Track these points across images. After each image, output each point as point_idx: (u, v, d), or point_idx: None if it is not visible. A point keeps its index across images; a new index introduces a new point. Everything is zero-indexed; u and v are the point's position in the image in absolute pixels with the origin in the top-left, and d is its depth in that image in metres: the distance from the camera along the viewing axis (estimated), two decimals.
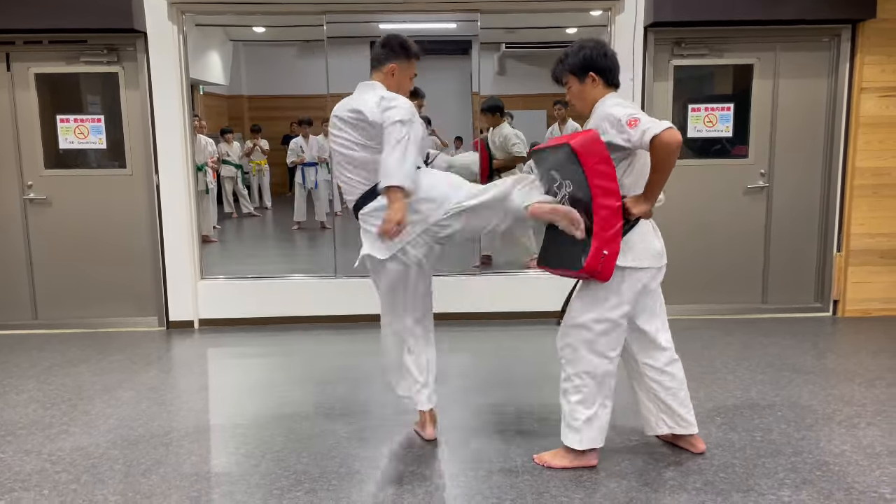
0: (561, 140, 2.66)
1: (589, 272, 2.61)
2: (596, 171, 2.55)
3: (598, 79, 2.76)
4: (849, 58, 5.13)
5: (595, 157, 2.54)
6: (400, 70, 2.99)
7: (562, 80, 2.84)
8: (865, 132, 5.12)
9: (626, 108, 2.64)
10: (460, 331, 5.06)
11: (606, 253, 2.58)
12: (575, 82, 2.79)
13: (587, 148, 2.55)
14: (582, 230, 2.63)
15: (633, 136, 2.54)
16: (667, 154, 2.52)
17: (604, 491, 2.71)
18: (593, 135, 2.58)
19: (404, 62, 3.00)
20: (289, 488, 2.77)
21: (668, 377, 2.90)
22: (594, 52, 2.75)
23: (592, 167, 2.54)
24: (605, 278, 2.63)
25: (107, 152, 5.20)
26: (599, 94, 2.77)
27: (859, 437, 3.18)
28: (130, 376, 4.16)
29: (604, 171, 2.55)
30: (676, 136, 2.50)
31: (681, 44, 5.14)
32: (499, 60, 8.61)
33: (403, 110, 2.74)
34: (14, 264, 5.23)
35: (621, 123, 2.57)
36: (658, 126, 2.50)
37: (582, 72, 2.76)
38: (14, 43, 5.01)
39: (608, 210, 2.57)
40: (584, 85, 2.78)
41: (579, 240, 2.63)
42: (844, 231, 5.27)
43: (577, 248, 2.65)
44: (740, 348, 4.53)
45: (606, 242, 2.58)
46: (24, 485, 2.83)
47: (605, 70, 2.76)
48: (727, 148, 5.35)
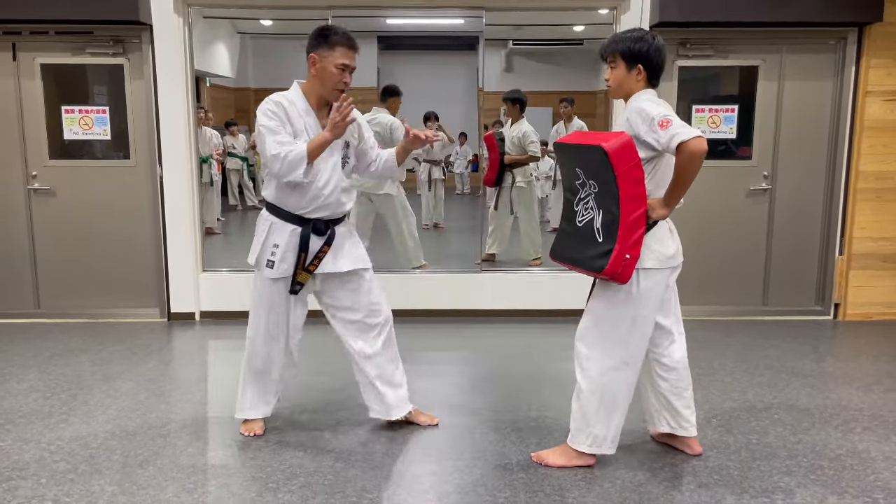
0: (592, 139, 2.62)
1: (610, 275, 2.60)
2: (627, 177, 2.52)
3: (644, 73, 2.74)
4: (854, 61, 5.11)
5: (627, 162, 2.52)
6: (321, 59, 2.88)
7: (608, 58, 2.80)
8: (870, 136, 5.11)
9: (660, 107, 2.64)
10: (461, 328, 5.07)
11: (629, 257, 2.58)
12: (622, 67, 2.75)
13: (621, 153, 2.51)
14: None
15: (661, 138, 2.54)
16: (690, 161, 2.52)
17: (598, 490, 2.72)
18: (627, 140, 2.54)
19: (325, 51, 2.87)
20: (284, 482, 2.79)
21: (676, 375, 2.90)
22: (652, 47, 2.72)
23: (624, 172, 2.51)
24: (624, 280, 2.63)
25: (111, 143, 5.21)
26: (637, 88, 2.76)
27: (855, 441, 3.18)
28: (130, 367, 4.18)
29: (635, 176, 2.53)
30: (703, 146, 2.50)
31: (686, 44, 5.13)
32: (506, 57, 8.60)
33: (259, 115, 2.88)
34: (17, 254, 5.26)
35: (654, 122, 2.57)
36: (688, 133, 2.50)
37: (633, 60, 2.73)
38: (20, 33, 5.03)
39: (635, 216, 2.56)
40: (629, 74, 2.75)
41: (600, 241, 2.62)
42: (847, 234, 5.26)
43: (598, 250, 2.62)
44: (740, 350, 4.53)
45: (630, 247, 2.58)
46: (21, 473, 2.86)
47: (654, 68, 2.75)
48: (731, 149, 5.34)
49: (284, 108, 2.88)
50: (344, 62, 2.88)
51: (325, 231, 3.00)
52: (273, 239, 2.98)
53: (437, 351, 4.47)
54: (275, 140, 2.82)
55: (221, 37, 8.50)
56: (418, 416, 3.33)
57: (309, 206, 2.96)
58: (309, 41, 2.92)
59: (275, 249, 2.97)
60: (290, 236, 2.98)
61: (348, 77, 2.92)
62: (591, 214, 2.67)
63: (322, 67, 2.89)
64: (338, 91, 2.91)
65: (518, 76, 8.42)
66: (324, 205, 2.97)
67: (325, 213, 2.99)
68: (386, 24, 5.92)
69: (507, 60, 8.53)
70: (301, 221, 2.98)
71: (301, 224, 2.98)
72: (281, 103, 2.88)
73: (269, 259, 2.99)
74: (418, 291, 5.24)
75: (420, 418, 3.33)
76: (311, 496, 2.67)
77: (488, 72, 5.73)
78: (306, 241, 2.97)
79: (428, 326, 5.07)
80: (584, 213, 2.71)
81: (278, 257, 2.98)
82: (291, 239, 2.98)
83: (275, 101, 2.89)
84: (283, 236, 2.98)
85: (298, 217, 2.98)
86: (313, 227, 2.98)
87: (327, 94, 2.93)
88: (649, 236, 2.70)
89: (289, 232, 2.98)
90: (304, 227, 2.97)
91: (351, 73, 2.93)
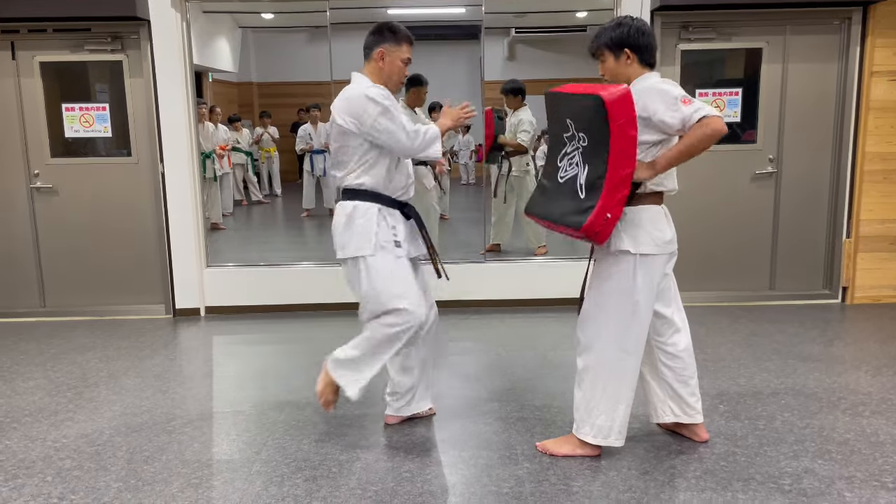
0: (587, 88, 2.56)
1: (588, 232, 2.53)
2: (622, 133, 2.46)
3: (633, 56, 2.72)
4: (859, 41, 5.05)
5: (624, 116, 2.45)
6: (389, 54, 2.95)
7: (597, 54, 2.81)
8: (876, 116, 5.04)
9: (678, 88, 2.63)
10: (464, 317, 5.05)
11: (609, 216, 2.51)
12: (610, 58, 2.75)
13: (619, 105, 2.44)
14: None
15: (684, 113, 2.53)
16: (705, 138, 2.51)
17: (602, 479, 2.70)
18: (627, 92, 2.47)
19: (393, 46, 2.95)
20: (289, 475, 2.78)
21: (681, 363, 2.88)
22: (632, 29, 2.71)
23: (619, 127, 2.45)
24: (600, 241, 2.58)
25: (112, 140, 5.21)
26: (634, 72, 2.73)
27: (863, 425, 3.15)
28: (136, 364, 4.19)
29: (629, 134, 2.48)
30: (724, 127, 2.52)
31: (688, 28, 5.07)
32: (508, 46, 8.54)
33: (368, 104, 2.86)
34: (22, 252, 5.27)
35: (676, 101, 2.56)
36: (711, 110, 2.54)
37: (618, 48, 2.72)
38: (19, 31, 5.03)
39: (623, 174, 2.50)
40: (618, 61, 2.74)
41: (582, 197, 2.56)
42: (854, 217, 5.21)
43: (579, 206, 2.56)
44: (746, 335, 4.50)
45: (613, 206, 2.51)
46: (28, 471, 2.86)
47: (641, 48, 2.72)
48: (737, 133, 5.28)
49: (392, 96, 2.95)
50: (409, 57, 3.01)
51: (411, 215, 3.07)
52: (387, 222, 2.96)
53: (442, 341, 4.44)
54: (403, 118, 2.88)
55: (222, 31, 8.48)
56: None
57: (404, 186, 3.02)
58: (374, 36, 2.98)
59: (394, 231, 2.97)
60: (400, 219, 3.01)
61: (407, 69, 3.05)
62: (575, 171, 2.61)
63: (391, 62, 2.97)
64: (400, 83, 3.05)
65: (520, 64, 8.37)
66: (410, 184, 3.07)
67: (409, 194, 3.08)
68: (386, 15, 5.87)
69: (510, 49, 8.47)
70: (397, 205, 3.01)
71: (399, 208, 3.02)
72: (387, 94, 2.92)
73: (395, 240, 2.96)
74: None
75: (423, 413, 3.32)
76: (315, 489, 2.67)
77: (490, 61, 5.69)
78: (420, 220, 3.08)
79: None
80: (567, 168, 2.66)
81: (401, 237, 2.98)
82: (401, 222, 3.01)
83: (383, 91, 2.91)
84: (396, 219, 3.00)
85: (395, 201, 3.00)
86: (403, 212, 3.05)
87: (392, 86, 2.99)
88: (647, 222, 2.67)
89: (398, 216, 3.01)
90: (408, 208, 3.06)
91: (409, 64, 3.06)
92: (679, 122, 2.55)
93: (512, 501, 2.56)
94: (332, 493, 2.63)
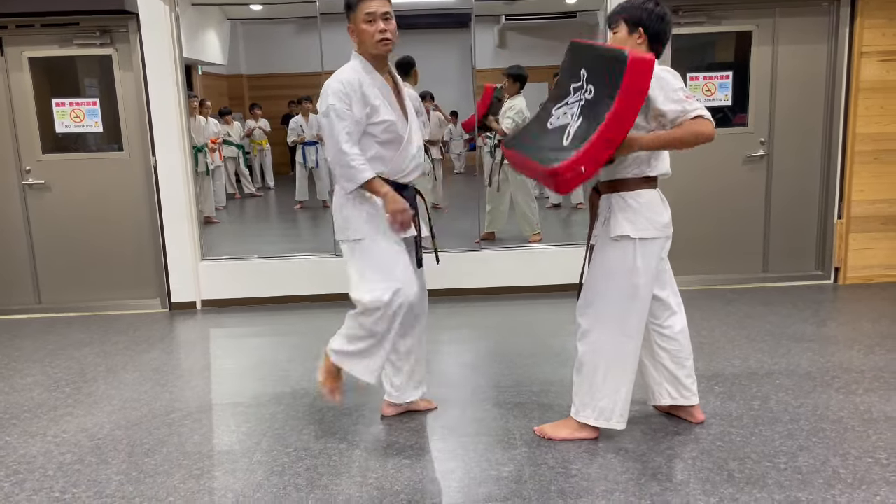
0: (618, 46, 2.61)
1: (555, 175, 2.47)
2: (629, 95, 2.44)
3: (644, 38, 2.71)
4: (848, 22, 5.06)
5: (639, 82, 2.43)
6: (353, 23, 2.80)
7: (612, 24, 2.78)
8: (865, 97, 5.07)
9: (679, 80, 2.63)
10: (461, 306, 5.07)
11: (583, 170, 2.47)
12: (623, 31, 2.73)
13: (640, 69, 2.42)
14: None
15: (688, 107, 2.54)
16: (694, 136, 2.54)
17: (600, 461, 2.73)
18: (652, 60, 2.46)
19: (353, 14, 2.79)
20: (290, 465, 2.80)
21: (677, 345, 2.91)
22: (654, 14, 2.69)
23: (629, 89, 2.43)
24: (563, 190, 2.53)
25: (104, 135, 5.19)
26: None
27: (857, 403, 3.19)
28: (133, 358, 4.20)
29: (635, 100, 2.46)
30: (714, 133, 2.55)
31: (678, 12, 5.07)
32: (499, 33, 8.53)
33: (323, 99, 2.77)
34: (15, 249, 5.26)
35: (678, 94, 2.56)
36: (708, 113, 2.56)
37: (634, 24, 2.71)
38: (7, 27, 4.99)
39: (611, 137, 2.47)
40: (630, 38, 2.72)
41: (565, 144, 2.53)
42: (845, 198, 5.24)
43: (558, 147, 2.53)
44: (740, 318, 4.54)
45: (589, 161, 2.46)
46: (28, 466, 2.88)
47: (656, 33, 2.72)
48: (728, 117, 5.30)
49: (356, 88, 2.76)
50: (368, 11, 2.74)
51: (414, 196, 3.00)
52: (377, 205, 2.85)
53: (439, 329, 4.47)
54: (345, 130, 2.74)
55: (211, 23, 8.43)
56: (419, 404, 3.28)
57: (406, 168, 2.90)
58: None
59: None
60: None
61: (382, 23, 2.76)
62: (568, 121, 2.61)
63: (357, 31, 2.80)
64: (381, 43, 2.77)
65: (511, 52, 8.36)
66: (418, 165, 2.95)
67: (417, 173, 2.97)
68: None
69: (500, 36, 8.46)
70: (398, 187, 2.88)
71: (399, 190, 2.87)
72: (352, 83, 2.76)
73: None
74: None
75: (420, 405, 3.28)
76: (316, 478, 2.69)
77: (481, 49, 5.69)
78: (415, 203, 2.96)
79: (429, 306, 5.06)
80: (560, 116, 2.66)
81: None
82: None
83: (345, 80, 2.76)
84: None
85: (395, 183, 2.87)
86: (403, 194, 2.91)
87: (374, 50, 2.79)
88: (644, 206, 2.69)
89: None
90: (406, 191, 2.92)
91: (385, 18, 2.77)
92: (676, 114, 2.56)
93: (511, 485, 2.59)
94: (332, 482, 2.66)
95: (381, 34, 2.76)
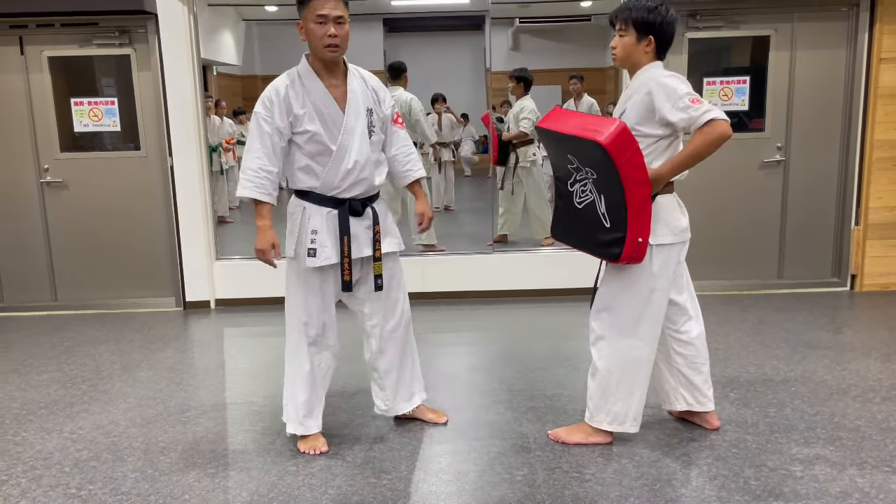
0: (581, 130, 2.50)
1: (626, 260, 2.57)
2: (629, 165, 2.44)
3: (654, 45, 2.67)
4: (867, 27, 5.03)
5: (627, 151, 2.43)
6: (304, 22, 2.68)
7: (618, 25, 2.71)
8: (884, 103, 5.03)
9: (685, 84, 2.58)
10: (474, 308, 5.07)
11: (641, 240, 2.54)
12: (632, 36, 2.67)
13: (618, 144, 2.41)
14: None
15: (694, 114, 2.48)
16: (714, 142, 2.48)
17: (615, 466, 2.72)
18: (622, 127, 2.43)
19: (303, 12, 2.66)
20: (304, 464, 2.81)
21: (694, 350, 2.89)
22: (666, 19, 2.64)
23: (626, 162, 2.43)
24: (640, 261, 2.60)
25: (121, 134, 5.23)
26: (645, 59, 2.69)
27: (874, 411, 3.17)
28: (148, 356, 4.23)
29: (636, 162, 2.46)
30: (730, 131, 2.48)
31: (696, 16, 5.05)
32: (513, 36, 8.52)
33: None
34: (33, 247, 5.30)
35: (684, 100, 2.51)
36: (720, 113, 2.47)
37: (645, 31, 2.65)
38: (27, 27, 5.04)
39: (641, 199, 2.51)
40: (639, 44, 2.67)
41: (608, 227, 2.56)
42: (862, 205, 5.20)
43: (609, 236, 2.57)
44: (756, 324, 4.51)
45: (640, 230, 2.53)
46: (45, 462, 2.90)
47: (664, 40, 2.69)
48: (744, 122, 5.28)
49: (282, 96, 2.69)
50: (320, 12, 2.61)
51: (362, 211, 2.82)
52: (310, 225, 2.77)
53: (452, 332, 4.48)
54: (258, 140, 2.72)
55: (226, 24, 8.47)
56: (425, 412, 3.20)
57: (342, 184, 2.75)
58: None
59: (314, 236, 2.76)
60: (328, 219, 2.77)
61: (333, 28, 2.62)
62: (591, 197, 2.60)
63: (306, 30, 2.67)
64: (328, 49, 2.64)
65: (525, 55, 8.35)
66: (358, 180, 2.77)
67: (360, 190, 2.79)
68: (391, 6, 5.87)
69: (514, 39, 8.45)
70: (336, 203, 2.78)
71: (336, 206, 2.77)
72: (279, 90, 2.70)
73: (309, 248, 2.76)
74: (432, 274, 5.25)
75: (427, 415, 3.20)
76: (331, 478, 2.70)
77: (495, 51, 5.68)
78: (346, 222, 2.76)
79: (442, 308, 5.08)
80: (581, 194, 2.65)
81: (318, 244, 2.76)
82: (329, 222, 2.77)
83: (274, 86, 2.73)
84: (319, 220, 2.77)
85: (332, 198, 2.77)
86: (350, 208, 2.78)
87: (320, 54, 2.67)
88: (661, 212, 2.68)
89: (325, 215, 2.77)
90: (341, 208, 2.77)
91: (338, 23, 2.63)
92: (686, 123, 2.53)
93: (525, 489, 2.58)
94: (347, 482, 2.66)
95: (330, 38, 2.63)
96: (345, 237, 2.76)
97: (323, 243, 2.77)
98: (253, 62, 9.83)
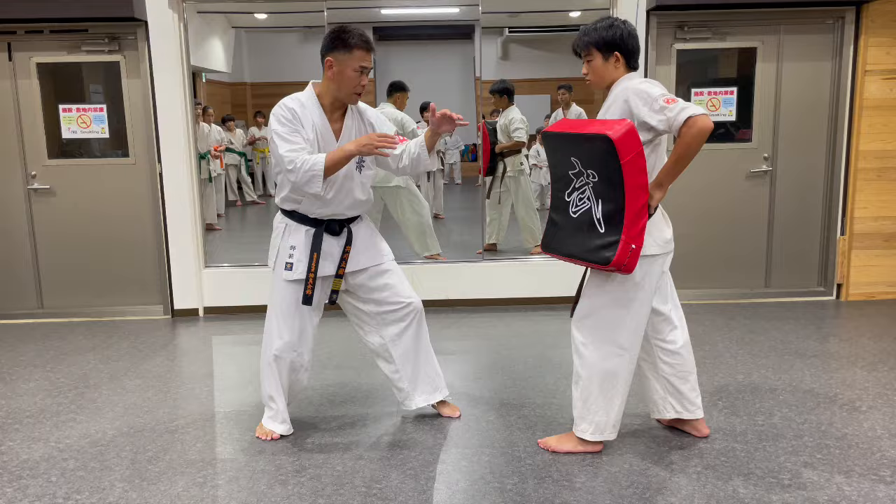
0: (591, 127, 2.55)
1: (617, 266, 2.57)
2: (633, 165, 2.47)
3: (622, 59, 2.73)
4: (853, 40, 5.10)
5: (633, 150, 2.46)
6: (338, 63, 2.81)
7: (582, 52, 2.78)
8: (869, 115, 5.10)
9: (658, 87, 2.62)
10: (463, 317, 5.08)
11: (634, 247, 2.55)
12: (598, 57, 2.74)
13: (626, 141, 2.45)
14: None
15: (669, 113, 2.50)
16: (696, 138, 2.47)
17: (605, 475, 2.73)
18: (631, 127, 2.47)
19: (343, 54, 2.80)
20: (293, 474, 2.80)
21: (681, 360, 2.91)
22: (624, 32, 2.71)
23: (630, 161, 2.46)
24: (630, 271, 2.60)
25: (109, 141, 5.21)
26: (618, 74, 2.74)
27: (860, 420, 3.19)
28: (136, 364, 4.20)
29: (639, 165, 2.49)
30: (710, 123, 2.48)
31: (683, 27, 5.11)
32: (502, 45, 8.57)
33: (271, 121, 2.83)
34: (19, 254, 5.26)
35: (658, 102, 2.53)
36: (696, 109, 2.49)
37: (608, 49, 2.72)
38: (15, 33, 5.02)
39: (640, 205, 2.53)
40: (606, 63, 2.73)
41: (602, 231, 2.58)
42: (848, 215, 5.26)
43: (603, 240, 2.58)
44: (743, 333, 4.54)
45: (635, 237, 2.54)
46: (31, 472, 2.87)
47: (630, 52, 2.74)
48: (731, 132, 5.33)
49: (297, 114, 2.83)
50: (362, 65, 2.83)
51: (339, 231, 2.99)
52: (290, 241, 2.98)
53: (442, 341, 4.47)
54: (289, 148, 2.78)
55: (216, 31, 8.47)
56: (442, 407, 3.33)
57: (321, 211, 2.95)
58: (324, 43, 2.85)
59: (292, 251, 2.96)
60: (306, 237, 2.97)
61: (365, 79, 2.86)
62: (588, 205, 2.62)
63: (339, 71, 2.83)
64: (356, 94, 2.88)
65: (514, 64, 8.40)
66: (336, 212, 2.98)
67: (339, 214, 2.99)
68: (381, 15, 5.89)
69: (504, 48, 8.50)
70: (315, 223, 2.97)
71: (315, 226, 2.97)
72: (294, 109, 2.83)
73: (287, 262, 2.97)
74: (421, 282, 5.25)
75: (443, 409, 3.33)
76: (320, 488, 2.69)
77: (485, 60, 5.71)
78: (319, 241, 2.95)
79: (432, 317, 5.06)
80: (578, 203, 2.67)
81: (296, 258, 2.96)
82: (308, 240, 2.96)
83: (287, 107, 2.83)
84: (299, 237, 2.97)
85: (312, 219, 2.97)
86: (327, 228, 2.97)
87: (345, 97, 2.89)
88: (648, 223, 2.69)
89: (304, 233, 2.97)
90: (318, 228, 2.96)
91: (367, 74, 2.87)
92: (664, 125, 2.54)
93: (515, 498, 2.58)
94: (336, 492, 2.65)
95: (360, 88, 2.87)
96: (314, 254, 2.94)
97: (300, 258, 2.96)
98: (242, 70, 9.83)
